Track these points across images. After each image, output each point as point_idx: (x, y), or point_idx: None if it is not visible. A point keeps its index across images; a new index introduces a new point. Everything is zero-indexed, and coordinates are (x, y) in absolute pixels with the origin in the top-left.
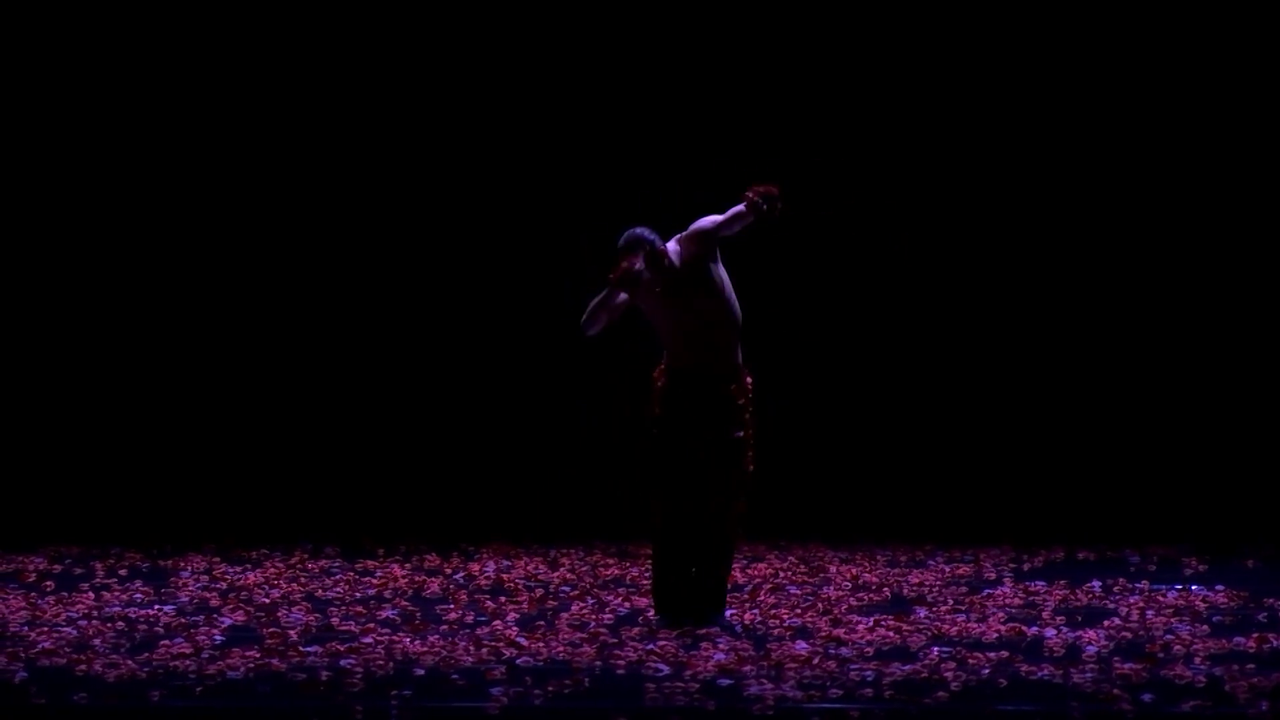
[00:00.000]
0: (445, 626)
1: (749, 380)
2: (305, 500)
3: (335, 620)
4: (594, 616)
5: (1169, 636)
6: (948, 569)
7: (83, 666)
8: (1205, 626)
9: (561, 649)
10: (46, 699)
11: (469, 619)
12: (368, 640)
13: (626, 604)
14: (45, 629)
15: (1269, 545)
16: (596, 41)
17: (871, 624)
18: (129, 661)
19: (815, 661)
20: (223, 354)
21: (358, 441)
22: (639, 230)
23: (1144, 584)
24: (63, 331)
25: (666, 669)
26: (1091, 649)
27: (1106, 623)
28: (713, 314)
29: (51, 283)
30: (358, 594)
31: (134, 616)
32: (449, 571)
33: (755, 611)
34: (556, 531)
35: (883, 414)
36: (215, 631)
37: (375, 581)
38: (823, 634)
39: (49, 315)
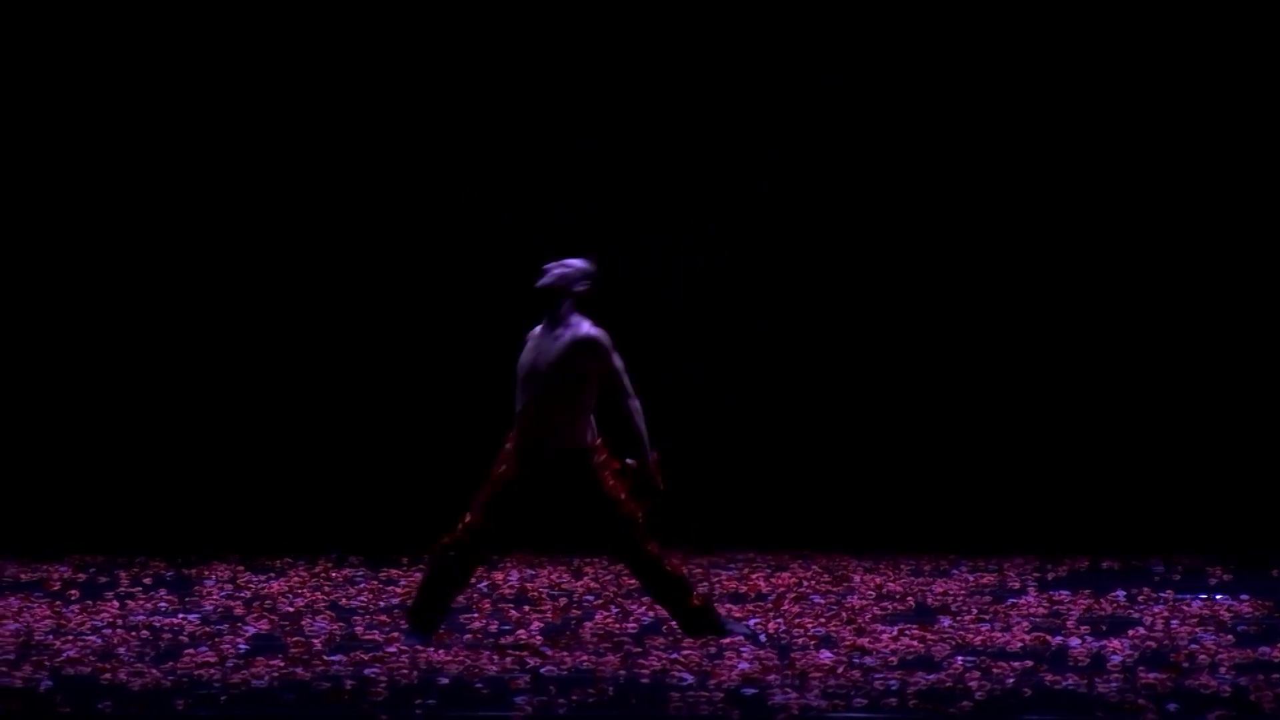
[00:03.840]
0: (469, 636)
1: (593, 449)
2: (329, 509)
3: (359, 629)
4: (618, 625)
5: (1194, 646)
6: (972, 578)
7: (107, 675)
8: (1230, 636)
9: (585, 658)
10: (71, 708)
11: (493, 628)
12: (392, 649)
13: (650, 613)
14: (70, 637)
15: None
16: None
17: (896, 633)
18: (154, 670)
19: (840, 671)
20: (248, 364)
21: (382, 451)
22: (571, 270)
23: (1169, 593)
24: (88, 341)
25: (690, 678)
26: (1116, 658)
27: (1131, 632)
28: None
29: (77, 293)
30: (382, 603)
31: (159, 625)
32: (473, 580)
33: (779, 620)
34: (580, 541)
35: (907, 423)
36: (240, 640)
37: (399, 590)
38: (847, 643)
39: (73, 325)
